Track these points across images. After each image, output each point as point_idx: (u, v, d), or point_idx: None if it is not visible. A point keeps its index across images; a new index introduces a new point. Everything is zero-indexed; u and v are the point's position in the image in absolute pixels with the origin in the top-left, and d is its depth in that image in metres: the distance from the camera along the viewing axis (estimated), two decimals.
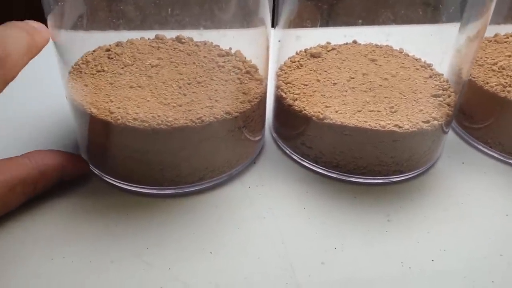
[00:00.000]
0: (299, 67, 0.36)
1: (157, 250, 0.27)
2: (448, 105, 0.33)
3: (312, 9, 0.35)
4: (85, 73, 0.31)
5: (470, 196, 0.33)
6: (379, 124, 0.30)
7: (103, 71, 0.31)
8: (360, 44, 0.38)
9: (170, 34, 0.35)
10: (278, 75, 0.35)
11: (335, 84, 0.34)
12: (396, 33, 0.37)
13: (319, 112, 0.31)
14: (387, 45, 0.38)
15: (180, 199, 0.31)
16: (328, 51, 0.37)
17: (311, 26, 0.35)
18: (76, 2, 0.28)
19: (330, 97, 0.32)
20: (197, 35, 0.35)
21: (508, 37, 0.40)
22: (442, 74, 0.35)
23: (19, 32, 0.25)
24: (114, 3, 0.29)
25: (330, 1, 0.34)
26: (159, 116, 0.28)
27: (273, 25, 0.34)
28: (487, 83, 0.35)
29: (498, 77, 0.35)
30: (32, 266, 0.26)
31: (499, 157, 0.35)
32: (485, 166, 0.35)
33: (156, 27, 0.33)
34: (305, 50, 0.37)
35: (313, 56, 0.37)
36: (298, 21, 0.35)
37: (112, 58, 0.32)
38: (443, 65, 0.35)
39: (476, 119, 0.36)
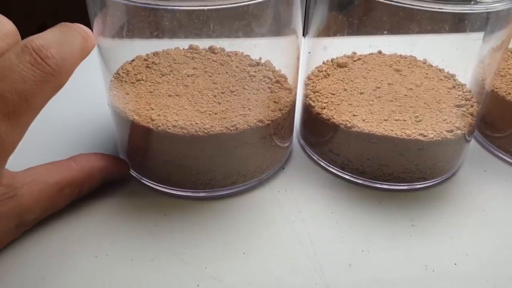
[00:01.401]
0: (326, 76, 0.37)
1: (193, 250, 0.29)
2: (471, 115, 0.34)
3: (340, 19, 0.36)
4: (126, 81, 0.32)
5: (491, 203, 0.34)
6: (405, 133, 0.32)
7: (143, 80, 0.33)
8: (385, 54, 0.40)
9: (202, 43, 0.37)
10: (306, 84, 0.37)
11: (361, 93, 0.35)
12: (420, 43, 0.38)
13: (347, 120, 0.33)
14: (411, 56, 0.39)
15: (213, 201, 0.32)
16: (354, 61, 0.39)
17: (339, 35, 0.37)
18: (118, 9, 0.29)
19: (357, 106, 0.34)
20: (229, 45, 0.36)
21: None
22: (465, 85, 0.36)
23: (75, 36, 0.25)
24: (152, 14, 0.30)
25: (358, 12, 0.35)
26: (196, 123, 0.30)
27: (303, 35, 0.35)
28: (509, 93, 0.36)
29: None
30: (77, 263, 0.28)
31: None
32: (506, 174, 0.36)
33: (191, 37, 0.35)
34: (332, 60, 0.39)
35: (339, 66, 0.38)
36: (327, 31, 0.36)
37: (150, 67, 0.34)
38: (466, 75, 0.37)
39: (497, 129, 0.38)
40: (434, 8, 0.27)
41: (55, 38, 0.24)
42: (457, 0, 0.27)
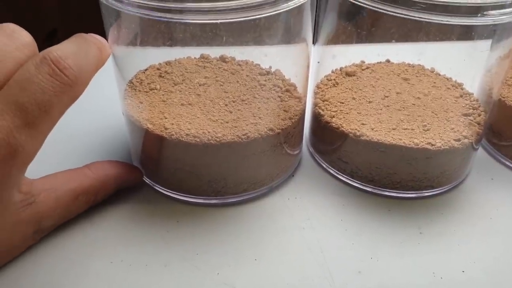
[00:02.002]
0: (335, 85, 0.38)
1: (205, 256, 0.30)
2: (478, 123, 0.35)
3: (349, 28, 0.37)
4: (139, 90, 0.33)
5: (498, 211, 0.34)
6: (413, 142, 0.32)
7: (156, 89, 0.33)
8: (393, 63, 0.40)
9: (213, 51, 0.37)
10: (315, 93, 0.38)
11: (370, 102, 0.36)
12: (428, 51, 0.39)
13: (356, 129, 0.33)
14: (419, 64, 0.40)
15: (224, 208, 0.33)
16: (363, 69, 0.39)
17: (347, 43, 0.37)
18: (132, 21, 0.30)
19: (366, 115, 0.34)
20: (239, 53, 0.37)
21: None
22: (472, 93, 0.37)
23: (91, 47, 0.26)
24: (165, 25, 0.31)
25: (366, 21, 0.36)
26: (209, 132, 0.31)
27: (313, 43, 0.36)
28: None
29: None
30: (93, 268, 0.29)
31: None
32: None
33: (202, 45, 0.36)
34: (341, 69, 0.39)
35: (348, 74, 0.39)
36: (336, 39, 0.37)
37: (163, 76, 0.35)
38: (474, 84, 0.37)
39: (504, 137, 0.38)
40: (441, 20, 0.28)
41: (72, 49, 0.25)
42: (464, 12, 0.28)
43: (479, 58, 0.35)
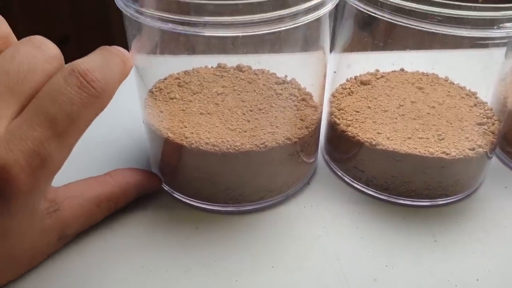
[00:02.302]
0: (350, 94, 0.39)
1: (224, 262, 0.30)
2: (492, 133, 0.35)
3: (366, 37, 0.37)
4: (159, 100, 0.34)
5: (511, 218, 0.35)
6: (428, 151, 0.33)
7: (175, 98, 0.34)
8: (407, 72, 0.41)
9: (230, 60, 0.38)
10: (330, 102, 0.38)
11: (385, 111, 0.36)
12: (442, 60, 0.39)
13: (371, 138, 0.34)
14: (433, 73, 0.40)
15: (242, 216, 0.34)
16: (377, 78, 0.40)
17: (363, 51, 0.37)
18: (154, 33, 0.31)
19: (381, 123, 0.35)
20: (255, 62, 0.38)
21: None
22: (486, 103, 0.37)
23: (116, 60, 0.27)
24: (185, 36, 0.32)
25: (382, 30, 0.36)
26: (227, 141, 0.31)
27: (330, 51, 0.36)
28: None
29: None
30: (115, 274, 0.29)
31: None
32: None
33: (219, 53, 0.36)
34: (355, 78, 0.40)
35: (363, 83, 0.39)
36: (352, 48, 0.37)
37: (181, 86, 0.35)
38: (488, 93, 0.37)
39: None
40: (456, 33, 0.28)
41: (99, 62, 0.26)
42: (480, 24, 0.28)
43: (493, 67, 0.35)
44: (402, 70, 0.41)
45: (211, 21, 0.26)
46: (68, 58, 0.30)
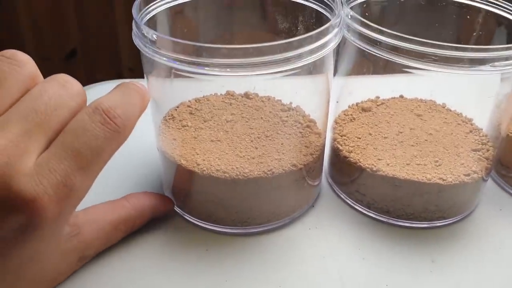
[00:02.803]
0: (352, 120, 0.41)
1: (234, 282, 0.32)
2: (487, 159, 0.37)
3: (367, 63, 0.39)
4: (172, 127, 0.36)
5: (507, 240, 0.36)
6: (426, 177, 0.35)
7: (187, 126, 0.36)
8: (406, 98, 0.43)
9: (239, 89, 0.40)
10: (333, 128, 0.40)
11: (385, 138, 0.38)
12: (439, 87, 0.41)
13: (372, 164, 0.36)
14: (431, 100, 0.42)
15: (249, 238, 0.36)
16: (378, 105, 0.42)
17: (363, 74, 0.39)
18: (167, 70, 0.33)
19: (382, 150, 0.37)
20: (262, 90, 0.40)
21: None
22: (482, 129, 0.39)
23: (135, 96, 0.29)
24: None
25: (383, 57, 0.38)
26: (237, 168, 0.33)
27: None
28: None
29: None
30: None
31: None
32: None
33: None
34: (357, 104, 0.42)
35: (364, 110, 0.41)
36: (354, 72, 0.39)
37: (193, 113, 0.37)
38: (483, 119, 0.39)
39: None
40: (451, 72, 0.30)
41: (120, 100, 0.28)
42: (473, 64, 0.30)
43: (488, 94, 0.37)
44: (401, 96, 0.43)
45: (222, 63, 0.28)
46: (76, 72, 0.32)
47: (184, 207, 0.36)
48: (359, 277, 0.33)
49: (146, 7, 0.33)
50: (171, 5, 0.35)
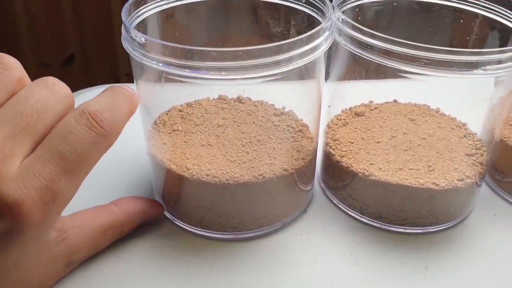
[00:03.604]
0: (345, 124, 0.40)
1: None
2: (481, 164, 0.37)
3: (359, 67, 0.38)
4: (163, 132, 0.36)
5: (501, 246, 0.36)
6: (418, 182, 0.34)
7: (178, 130, 0.36)
8: (400, 103, 0.42)
9: (229, 92, 0.40)
10: (326, 132, 0.40)
11: (378, 142, 0.38)
12: (433, 91, 0.41)
13: (364, 169, 0.36)
14: (425, 105, 0.42)
15: (240, 243, 0.35)
16: (371, 110, 0.42)
17: (356, 79, 0.39)
18: (156, 73, 0.33)
19: (374, 154, 0.37)
20: (255, 95, 0.40)
21: None
22: (476, 133, 0.39)
23: (123, 100, 0.29)
24: None
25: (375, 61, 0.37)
26: (227, 172, 0.33)
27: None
28: None
29: None
30: None
31: None
32: None
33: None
34: (350, 109, 0.42)
35: (357, 114, 0.41)
36: (346, 77, 0.39)
37: (184, 118, 0.37)
38: (478, 124, 0.39)
39: (506, 174, 0.40)
40: (443, 75, 0.30)
41: (107, 103, 0.28)
42: (464, 67, 0.30)
43: (482, 99, 0.37)
44: (395, 101, 0.42)
45: (213, 66, 0.28)
46: (75, 76, 0.32)
47: (174, 212, 0.36)
48: (351, 283, 0.33)
49: (136, 11, 0.33)
50: (162, 8, 0.35)
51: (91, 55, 1.20)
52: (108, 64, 1.21)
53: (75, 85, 0.54)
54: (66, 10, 1.15)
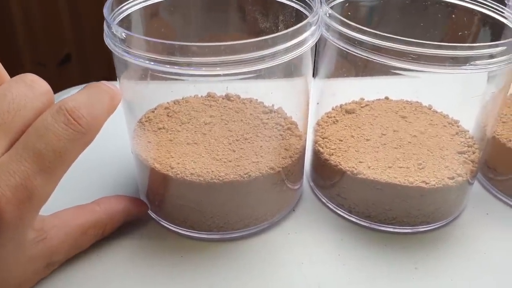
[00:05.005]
0: (335, 122, 0.40)
1: None
2: (472, 161, 0.36)
3: (349, 62, 0.38)
4: (148, 130, 0.35)
5: (492, 246, 0.35)
6: (408, 180, 0.34)
7: (164, 128, 0.35)
8: (391, 100, 0.42)
9: (220, 90, 0.39)
10: (315, 130, 0.39)
11: (368, 140, 0.37)
12: (425, 88, 0.40)
13: (353, 167, 0.35)
14: (417, 102, 0.41)
15: (227, 243, 0.34)
16: (362, 107, 0.41)
17: (345, 77, 0.38)
18: (139, 67, 0.32)
19: (364, 152, 0.36)
20: (243, 92, 0.39)
21: None
22: (468, 131, 0.38)
23: (103, 96, 0.28)
24: None
25: (364, 58, 0.36)
26: (212, 171, 0.32)
27: (313, 76, 0.37)
28: (510, 140, 0.38)
29: None
30: None
31: None
32: (508, 217, 0.38)
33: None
34: (341, 106, 0.41)
35: (348, 112, 0.40)
36: (335, 74, 0.38)
37: (170, 116, 0.36)
38: (470, 121, 0.38)
39: (499, 172, 0.39)
40: (430, 70, 0.29)
41: (86, 100, 0.27)
42: (454, 62, 0.29)
43: (474, 95, 0.36)
44: (386, 98, 0.42)
45: (195, 61, 0.27)
46: (71, 76, 0.31)
47: (159, 211, 0.35)
48: (338, 284, 0.32)
49: (119, 7, 0.32)
50: (146, 4, 0.34)
51: (88, 54, 1.19)
52: (104, 63, 1.20)
53: (71, 85, 0.53)
54: (63, 9, 1.14)
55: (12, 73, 0.28)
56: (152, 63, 0.28)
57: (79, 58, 1.21)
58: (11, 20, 1.14)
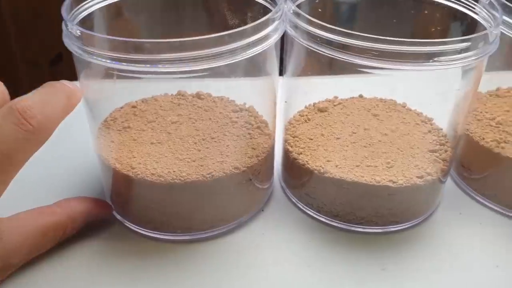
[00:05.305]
0: (307, 121, 0.39)
1: None
2: (444, 160, 0.35)
3: (317, 60, 0.37)
4: (113, 129, 0.34)
5: (464, 246, 0.35)
6: (374, 179, 0.33)
7: (129, 127, 0.35)
8: (365, 98, 0.41)
9: (191, 88, 0.39)
10: (286, 129, 0.39)
11: (338, 138, 0.36)
12: (400, 86, 0.40)
13: (320, 166, 0.34)
14: (391, 99, 0.41)
15: (193, 244, 0.34)
16: (335, 105, 0.40)
17: (315, 75, 0.37)
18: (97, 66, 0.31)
19: (332, 151, 0.35)
20: (215, 91, 0.38)
21: (509, 91, 0.42)
22: (442, 129, 0.38)
23: (59, 95, 0.28)
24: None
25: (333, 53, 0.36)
26: (174, 171, 0.32)
27: (281, 74, 0.36)
28: (483, 138, 0.37)
29: (494, 133, 0.37)
30: None
31: (495, 208, 0.37)
32: (482, 217, 0.37)
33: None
34: (314, 104, 0.40)
35: (320, 110, 0.40)
36: (305, 72, 0.37)
37: (137, 114, 0.36)
38: (444, 119, 0.38)
39: (473, 171, 0.39)
40: (393, 67, 0.29)
41: (39, 99, 0.26)
42: (417, 59, 0.29)
43: (449, 93, 0.36)
44: (360, 96, 0.41)
45: (150, 59, 0.27)
46: (62, 76, 0.31)
47: (123, 213, 0.35)
48: (306, 286, 0.31)
49: (79, 6, 0.32)
50: (108, 3, 0.34)
51: None
52: None
53: None
54: (54, 9, 1.13)
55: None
56: (108, 61, 0.28)
57: (70, 57, 1.20)
58: (2, 20, 1.13)
